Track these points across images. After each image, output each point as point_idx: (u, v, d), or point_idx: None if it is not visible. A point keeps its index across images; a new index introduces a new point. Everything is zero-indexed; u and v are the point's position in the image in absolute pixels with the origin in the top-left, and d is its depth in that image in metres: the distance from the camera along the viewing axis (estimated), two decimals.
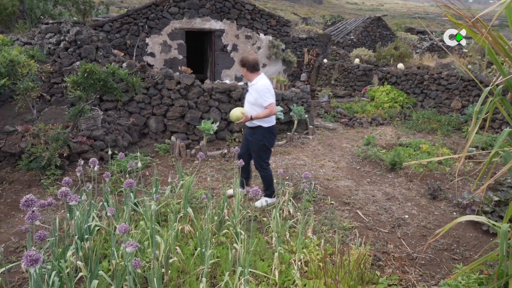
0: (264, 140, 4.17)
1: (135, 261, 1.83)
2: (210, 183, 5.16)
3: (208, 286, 2.77)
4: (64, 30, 6.39)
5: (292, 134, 7.27)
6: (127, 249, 1.76)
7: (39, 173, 5.10)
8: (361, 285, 2.56)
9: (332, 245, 3.38)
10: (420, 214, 4.23)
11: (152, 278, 2.18)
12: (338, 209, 4.31)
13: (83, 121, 5.72)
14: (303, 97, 7.95)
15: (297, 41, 16.37)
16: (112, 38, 8.47)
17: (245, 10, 9.34)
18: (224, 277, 2.65)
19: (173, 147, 6.46)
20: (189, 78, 6.83)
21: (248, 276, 2.53)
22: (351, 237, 3.65)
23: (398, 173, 5.59)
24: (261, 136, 4.15)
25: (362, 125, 8.84)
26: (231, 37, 9.45)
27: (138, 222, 3.48)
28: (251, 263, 3.09)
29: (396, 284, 2.90)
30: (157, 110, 6.79)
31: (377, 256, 3.31)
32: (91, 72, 4.05)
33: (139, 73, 6.60)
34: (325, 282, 2.55)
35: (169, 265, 2.87)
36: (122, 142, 6.09)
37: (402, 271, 3.11)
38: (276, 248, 2.99)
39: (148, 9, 8.59)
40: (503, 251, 2.11)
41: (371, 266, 3.16)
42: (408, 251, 3.44)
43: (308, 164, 6.00)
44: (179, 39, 9.00)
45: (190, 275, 2.88)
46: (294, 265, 2.89)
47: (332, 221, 3.92)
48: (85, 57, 6.35)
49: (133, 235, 3.27)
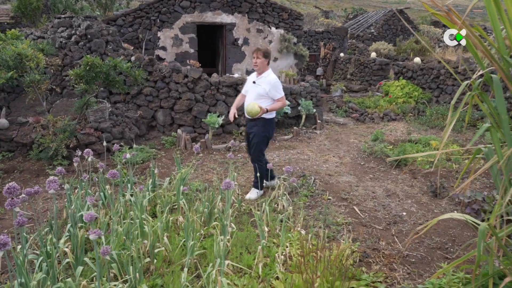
0: (266, 132, 4.21)
1: (104, 248, 1.88)
2: (210, 176, 5.22)
3: (191, 277, 2.81)
4: (75, 24, 6.56)
5: (299, 129, 7.23)
6: (90, 236, 1.82)
7: (47, 163, 5.30)
8: (340, 281, 2.54)
9: (321, 240, 3.36)
10: (419, 211, 4.14)
11: (129, 266, 2.24)
12: (335, 204, 4.27)
13: (91, 113, 5.88)
14: (312, 91, 7.86)
15: (313, 35, 16.19)
16: (125, 32, 8.62)
17: (256, 4, 9.29)
18: (207, 268, 2.69)
19: (179, 140, 6.54)
20: (196, 71, 6.89)
21: (226, 268, 2.55)
22: (343, 233, 3.61)
23: (402, 169, 5.47)
24: (264, 128, 4.19)
25: (374, 121, 8.68)
26: (242, 31, 9.44)
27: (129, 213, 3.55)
28: (238, 255, 3.12)
29: (381, 282, 2.85)
30: (165, 103, 6.89)
31: (367, 252, 3.27)
32: (93, 65, 4.16)
33: (147, 66, 6.71)
34: (303, 277, 2.55)
35: (154, 255, 2.93)
36: (129, 134, 6.22)
37: (390, 269, 3.06)
38: (261, 241, 3.01)
39: (160, 3, 8.68)
40: (480, 251, 2.05)
41: (359, 262, 3.12)
42: (399, 248, 3.38)
43: (312, 159, 5.96)
44: (190, 33, 9.06)
45: (175, 265, 2.93)
46: (278, 258, 2.89)
47: (326, 217, 3.89)
48: (95, 51, 6.50)
49: (124, 224, 3.35)
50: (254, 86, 4.19)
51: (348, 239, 3.25)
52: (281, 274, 2.76)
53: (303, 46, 10.27)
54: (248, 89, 4.30)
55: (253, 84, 4.21)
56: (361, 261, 3.15)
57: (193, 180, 5.00)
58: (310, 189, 4.63)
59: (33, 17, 11.31)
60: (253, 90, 4.20)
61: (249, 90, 4.27)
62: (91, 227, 2.54)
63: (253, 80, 4.23)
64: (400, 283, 2.83)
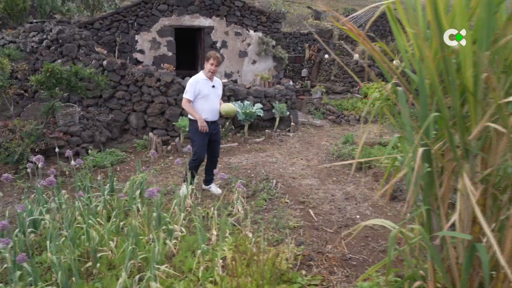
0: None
1: (20, 256, 1.94)
2: (175, 179, 5.28)
3: (130, 280, 2.87)
4: (47, 29, 6.60)
5: (271, 132, 7.31)
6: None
7: (14, 167, 5.34)
8: (269, 284, 2.61)
9: (269, 244, 3.44)
10: (372, 215, 4.23)
11: (57, 271, 2.30)
12: (291, 207, 4.34)
13: (60, 117, 5.92)
14: (287, 94, 7.95)
15: (298, 36, 16.29)
16: (103, 35, 8.65)
17: (234, 7, 9.37)
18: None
19: (151, 143, 6.60)
20: (169, 75, 6.95)
21: (156, 271, 2.62)
22: (293, 236, 3.69)
23: (366, 172, 5.56)
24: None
25: (349, 123, 8.78)
26: (220, 34, 9.51)
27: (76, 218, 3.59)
28: (182, 259, 3.19)
29: (317, 284, 2.93)
30: (138, 106, 6.94)
31: (311, 255, 3.35)
32: (53, 71, 4.21)
33: (119, 70, 6.76)
34: (236, 281, 2.62)
35: (97, 258, 2.99)
36: (99, 137, 6.27)
37: (330, 272, 3.14)
38: (200, 245, 3.08)
39: (137, 7, 8.73)
40: (390, 256, 2.14)
41: (301, 265, 3.20)
42: (345, 251, 3.46)
43: (280, 161, 6.04)
44: (168, 36, 9.12)
45: (118, 269, 2.99)
46: (217, 262, 2.96)
47: (279, 220, 3.96)
48: (66, 55, 6.54)
49: (75, 229, 3.41)
50: (215, 90, 4.45)
51: (291, 242, 3.33)
52: (218, 277, 2.84)
53: (283, 48, 10.36)
54: (209, 93, 4.40)
55: (213, 88, 4.43)
56: (303, 264, 3.22)
57: (158, 184, 5.07)
58: (270, 193, 4.70)
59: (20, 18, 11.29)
60: (214, 93, 4.45)
61: (211, 94, 4.41)
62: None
63: (212, 84, 4.42)
64: (335, 286, 2.91)
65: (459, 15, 1.45)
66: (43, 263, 3.08)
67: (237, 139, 7.03)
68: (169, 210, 3.86)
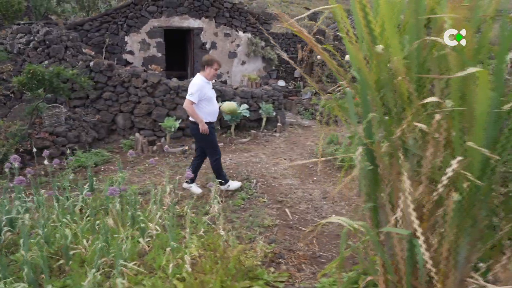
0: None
1: None
2: (158, 179, 5.36)
3: (101, 277, 2.95)
4: (34, 30, 6.67)
5: (257, 132, 7.39)
6: None
7: None
8: (233, 280, 2.69)
9: (242, 242, 3.51)
10: (347, 213, 4.31)
11: (23, 268, 2.37)
12: (269, 207, 4.42)
13: (47, 118, 5.99)
14: (274, 95, 8.02)
15: (291, 37, 16.38)
16: (92, 36, 8.72)
17: (223, 8, 9.45)
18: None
19: (137, 143, 6.67)
20: (155, 76, 7.02)
21: (123, 268, 2.69)
22: (266, 234, 3.77)
23: (347, 172, 5.63)
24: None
25: (337, 123, 8.85)
26: (209, 35, 9.59)
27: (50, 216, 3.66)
28: (155, 256, 3.27)
29: (283, 281, 3.01)
30: (124, 107, 7.01)
31: (282, 253, 3.43)
32: (35, 73, 4.28)
33: (106, 71, 6.83)
34: (200, 277, 2.70)
35: (68, 256, 3.06)
36: (85, 138, 6.33)
37: (298, 269, 3.21)
38: (169, 243, 3.15)
39: (127, 8, 8.81)
40: (342, 252, 2.22)
41: (271, 263, 3.28)
42: (315, 249, 3.54)
43: (263, 161, 6.11)
44: (157, 37, 9.19)
45: (90, 266, 3.06)
46: (186, 259, 3.03)
47: (255, 219, 4.04)
48: (53, 56, 6.61)
49: (51, 228, 3.48)
50: (214, 92, 4.66)
51: (260, 240, 3.40)
52: (186, 274, 2.91)
53: (272, 49, 10.44)
54: (212, 96, 4.59)
55: (213, 90, 4.64)
56: (273, 262, 3.30)
57: (140, 183, 5.14)
58: (249, 192, 4.78)
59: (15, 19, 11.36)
60: (214, 95, 4.66)
61: (213, 97, 4.60)
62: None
63: (211, 87, 4.64)
64: (299, 282, 2.99)
65: (387, 20, 1.53)
66: (17, 261, 3.15)
67: (223, 139, 7.11)
68: (147, 209, 3.93)
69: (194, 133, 4.62)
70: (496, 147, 1.41)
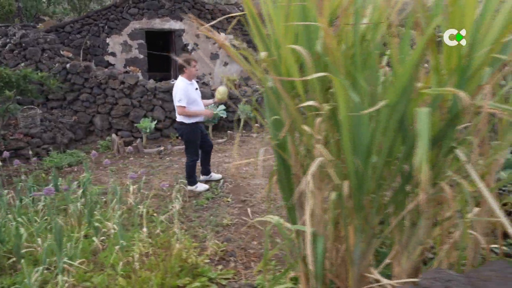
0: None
1: None
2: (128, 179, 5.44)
3: (52, 274, 3.03)
4: (10, 33, 6.76)
5: (233, 132, 7.48)
6: None
7: None
8: (175, 277, 2.78)
9: (197, 240, 3.61)
10: None
11: None
12: (231, 206, 4.50)
13: (21, 119, 6.07)
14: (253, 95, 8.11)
15: None
16: (73, 38, 8.80)
17: (205, 10, 9.54)
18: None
19: (113, 144, 6.75)
20: (132, 77, 7.10)
21: (66, 266, 2.78)
22: (223, 233, 3.85)
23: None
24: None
25: None
26: (191, 36, 9.68)
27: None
28: (108, 254, 3.35)
29: (228, 278, 3.10)
30: (102, 108, 7.09)
31: (234, 251, 3.51)
32: (1, 75, 4.36)
33: (83, 73, 6.92)
34: (143, 274, 2.79)
35: (20, 254, 3.15)
36: (61, 139, 6.42)
37: (246, 266, 3.30)
38: (119, 241, 3.24)
39: (108, 11, 8.89)
40: (266, 249, 2.30)
41: (221, 260, 3.36)
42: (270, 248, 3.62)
43: (236, 162, 6.20)
44: (139, 39, 9.28)
45: (41, 264, 3.15)
46: (135, 257, 3.12)
47: (215, 218, 4.13)
48: (30, 59, 6.69)
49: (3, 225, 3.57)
50: (198, 92, 4.72)
51: (212, 238, 3.49)
52: (132, 271, 3.00)
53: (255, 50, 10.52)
54: (196, 97, 4.65)
55: (197, 90, 4.70)
56: (223, 260, 3.39)
57: (110, 183, 5.21)
58: (214, 192, 4.87)
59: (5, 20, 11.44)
60: (199, 95, 4.74)
61: (197, 97, 4.67)
62: None
63: (195, 87, 4.66)
64: (242, 279, 3.08)
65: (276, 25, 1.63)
66: None
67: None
68: (108, 208, 4.01)
69: (181, 133, 4.74)
70: (372, 147, 1.50)
